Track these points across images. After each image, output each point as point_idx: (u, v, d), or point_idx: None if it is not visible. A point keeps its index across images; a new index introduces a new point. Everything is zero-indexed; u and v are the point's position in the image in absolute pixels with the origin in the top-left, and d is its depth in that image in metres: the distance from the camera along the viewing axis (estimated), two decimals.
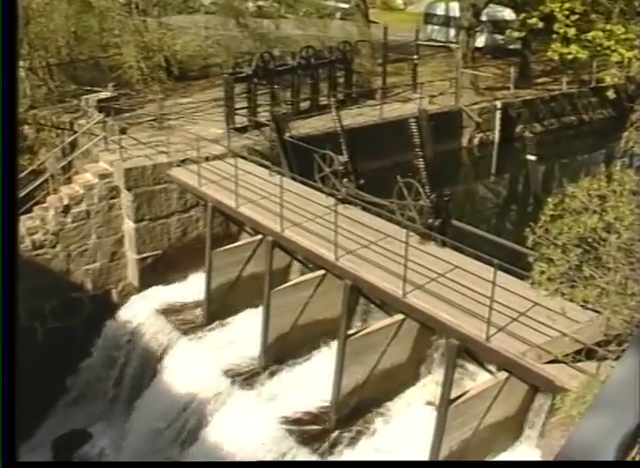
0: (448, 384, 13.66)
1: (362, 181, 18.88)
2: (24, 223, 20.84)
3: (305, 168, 19.86)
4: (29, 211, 21.19)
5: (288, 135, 22.15)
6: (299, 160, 20.84)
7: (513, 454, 13.94)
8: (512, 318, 13.49)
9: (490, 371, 14.35)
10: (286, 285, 18.19)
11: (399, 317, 15.52)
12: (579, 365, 11.90)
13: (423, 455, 13.80)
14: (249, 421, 16.51)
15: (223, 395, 17.55)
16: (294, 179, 19.92)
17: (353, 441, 15.35)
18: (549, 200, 11.43)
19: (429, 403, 15.23)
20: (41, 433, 21.70)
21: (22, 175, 22.27)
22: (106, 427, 21.47)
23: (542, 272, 11.22)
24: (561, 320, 12.43)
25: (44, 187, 21.83)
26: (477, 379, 14.64)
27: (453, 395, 13.60)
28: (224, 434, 16.70)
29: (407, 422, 15.24)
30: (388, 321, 15.84)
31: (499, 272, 13.26)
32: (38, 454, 21.32)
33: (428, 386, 15.69)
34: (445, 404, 13.42)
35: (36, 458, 21.30)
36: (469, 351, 14.26)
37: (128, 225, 21.47)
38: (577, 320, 12.67)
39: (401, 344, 15.75)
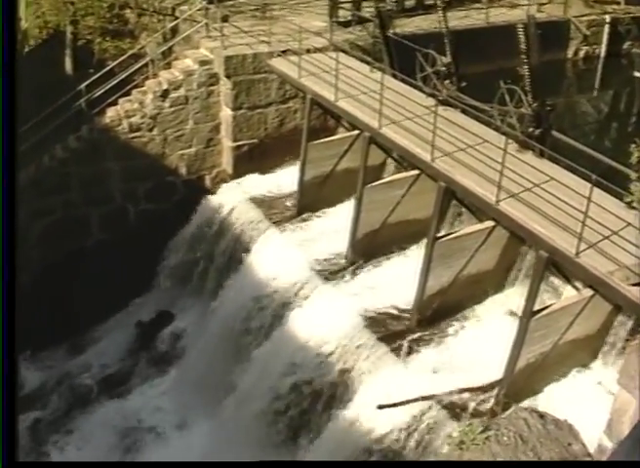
0: (533, 296, 13.60)
1: (463, 84, 18.60)
2: (123, 106, 21.16)
3: (407, 66, 19.59)
4: (128, 94, 21.48)
5: (391, 32, 21.86)
6: (401, 58, 20.55)
7: (588, 373, 13.98)
8: (604, 236, 13.24)
9: (575, 287, 14.28)
10: (380, 182, 18.13)
11: (490, 224, 15.43)
12: None
13: (500, 364, 13.94)
14: (330, 314, 16.75)
15: (308, 286, 17.79)
16: (394, 77, 19.71)
17: (431, 342, 15.53)
18: None
19: (511, 312, 15.30)
20: (127, 312, 22.52)
21: (123, 58, 22.55)
22: (190, 309, 22.10)
23: None
24: None
25: (143, 71, 21.99)
26: (561, 294, 14.62)
27: (536, 307, 13.60)
28: (305, 323, 17.03)
29: (487, 329, 15.35)
30: (479, 226, 15.74)
31: (594, 188, 13.09)
32: (122, 333, 22.17)
33: (512, 297, 15.68)
34: (528, 315, 13.38)
35: (119, 337, 22.19)
36: (557, 265, 14.16)
37: (225, 113, 21.56)
38: None
39: (489, 251, 15.70)
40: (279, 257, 18.99)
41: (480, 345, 14.92)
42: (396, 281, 17.01)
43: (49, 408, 20.76)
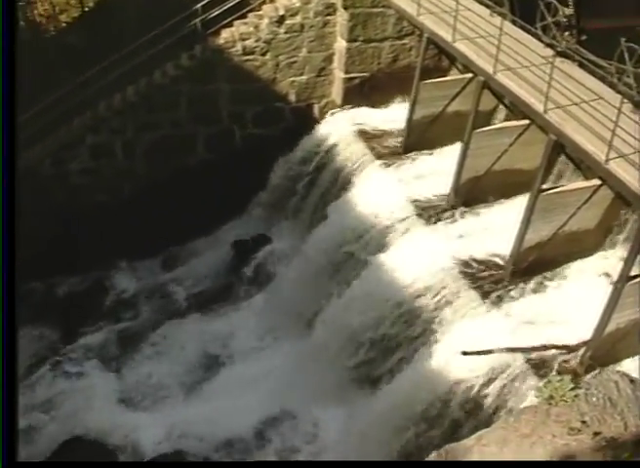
0: (630, 260, 13.29)
1: (584, 37, 18.15)
2: (238, 28, 21.23)
3: (528, 14, 19.14)
4: (244, 17, 21.56)
5: None
6: (522, 4, 20.00)
7: None
8: None
9: None
10: (489, 128, 17.96)
11: (596, 182, 15.11)
12: None
13: (588, 326, 13.83)
14: (425, 254, 16.80)
15: (405, 224, 17.86)
16: (513, 23, 19.30)
17: (522, 295, 15.44)
18: None
19: (606, 275, 15.10)
20: (223, 232, 22.94)
21: None
22: (287, 235, 22.35)
23: None
24: None
25: None
26: None
27: (632, 273, 13.37)
28: (399, 261, 17.11)
29: (579, 289, 15.15)
30: (584, 184, 15.47)
31: None
32: (217, 252, 22.62)
33: (609, 258, 15.49)
34: (623, 280, 13.15)
35: (214, 255, 22.71)
36: None
37: (340, 44, 21.43)
38: None
39: (592, 210, 15.41)
40: (380, 193, 19.02)
41: (571, 304, 14.78)
42: (494, 229, 16.91)
43: (139, 317, 21.42)
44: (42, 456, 17.34)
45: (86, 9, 23.47)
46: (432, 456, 7.59)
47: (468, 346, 14.47)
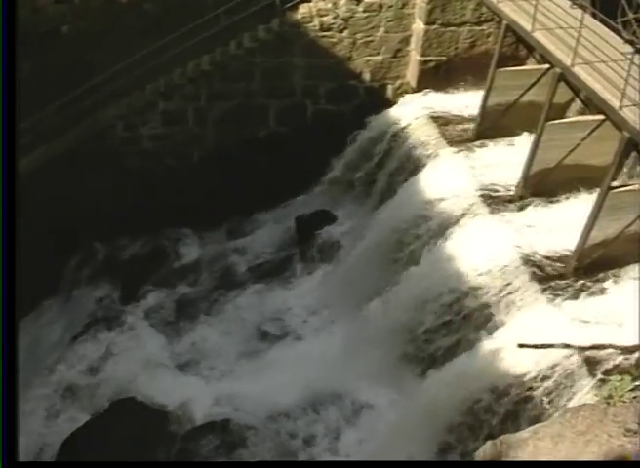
0: None
1: None
2: (316, 4, 21.21)
3: (609, 8, 18.82)
4: None
5: None
6: None
7: None
8: None
9: None
10: (563, 120, 17.73)
11: None
12: None
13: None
14: (488, 243, 16.69)
15: (472, 212, 17.73)
16: (594, 16, 18.99)
17: (584, 292, 15.20)
18: None
19: None
20: (288, 206, 23.18)
21: None
22: (352, 214, 22.35)
23: None
24: None
25: None
26: None
27: None
28: (462, 249, 17.01)
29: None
30: None
31: None
32: (281, 226, 22.84)
33: None
34: None
35: (277, 229, 23.00)
36: None
37: (418, 26, 21.31)
38: None
39: None
40: (448, 177, 18.91)
41: (631, 305, 14.59)
42: (560, 223, 16.70)
43: (199, 285, 21.61)
44: (92, 414, 17.69)
45: None
46: (487, 446, 7.59)
47: (524, 339, 14.35)
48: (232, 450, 16.47)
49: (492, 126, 19.75)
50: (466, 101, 21.15)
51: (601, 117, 16.74)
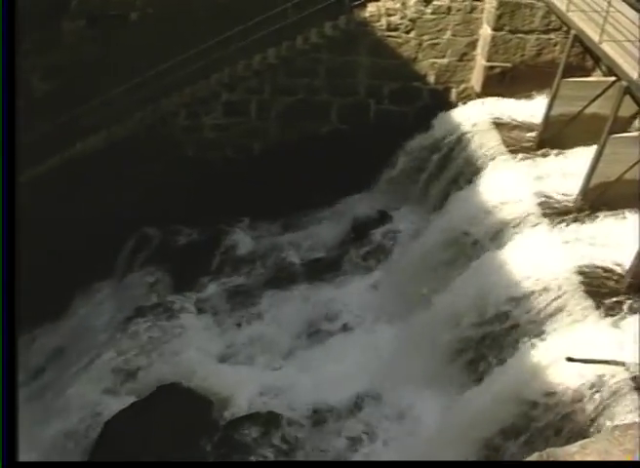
0: None
1: None
2: (385, 3, 21.24)
3: None
4: None
5: None
6: None
7: None
8: None
9: None
10: (627, 134, 17.56)
11: None
12: None
13: None
14: (543, 253, 16.57)
15: (529, 221, 17.61)
16: None
17: (636, 309, 15.01)
18: None
19: None
20: (345, 204, 23.18)
21: None
22: (408, 215, 22.31)
23: None
24: None
25: None
26: None
27: None
28: (517, 256, 16.85)
29: None
30: None
31: None
32: (337, 223, 22.90)
33: None
34: None
35: (333, 226, 22.92)
36: None
37: (485, 31, 21.24)
38: None
39: None
40: (507, 184, 18.81)
41: None
42: (617, 239, 16.51)
43: (252, 276, 21.71)
44: (138, 396, 17.89)
45: None
46: (534, 457, 7.53)
47: (573, 353, 14.23)
48: (273, 443, 16.55)
49: (554, 135, 19.60)
50: (531, 109, 21.05)
51: None
